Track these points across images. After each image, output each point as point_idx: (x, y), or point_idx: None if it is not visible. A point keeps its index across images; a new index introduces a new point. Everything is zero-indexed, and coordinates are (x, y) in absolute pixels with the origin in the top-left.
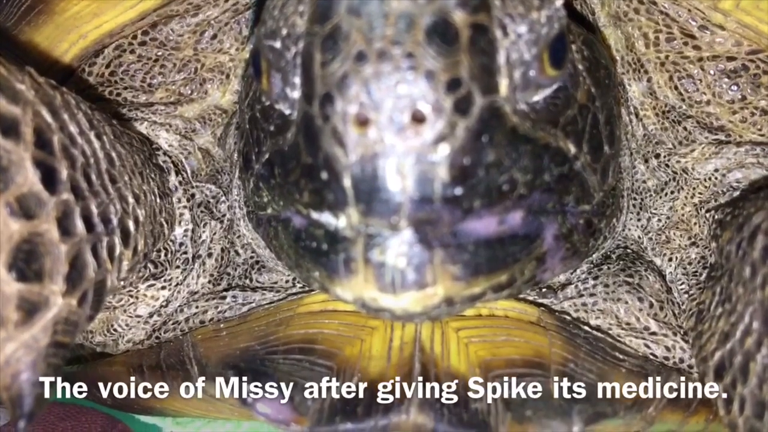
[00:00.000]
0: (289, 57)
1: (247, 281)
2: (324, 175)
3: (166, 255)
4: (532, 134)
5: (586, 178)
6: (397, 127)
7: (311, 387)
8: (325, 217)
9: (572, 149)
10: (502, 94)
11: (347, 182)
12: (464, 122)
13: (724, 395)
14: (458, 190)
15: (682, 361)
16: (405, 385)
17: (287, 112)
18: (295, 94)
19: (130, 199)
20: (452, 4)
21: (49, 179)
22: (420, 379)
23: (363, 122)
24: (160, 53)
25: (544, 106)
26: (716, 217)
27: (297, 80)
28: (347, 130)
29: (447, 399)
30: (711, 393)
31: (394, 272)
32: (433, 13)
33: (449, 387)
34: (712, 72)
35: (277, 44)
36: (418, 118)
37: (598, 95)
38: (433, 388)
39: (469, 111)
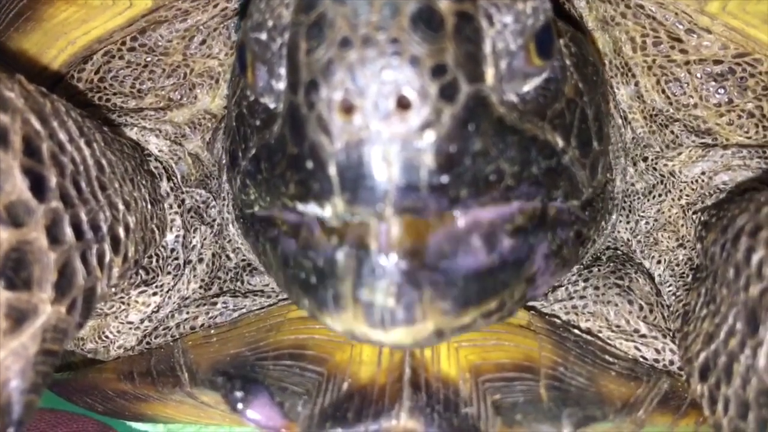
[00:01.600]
0: (275, 48)
1: (239, 284)
2: (309, 164)
3: (157, 261)
4: (519, 125)
5: (575, 173)
6: (383, 114)
7: (301, 392)
8: (311, 208)
9: (560, 143)
10: (489, 83)
11: (332, 170)
12: (450, 109)
13: (709, 396)
14: (444, 178)
15: (672, 363)
16: (395, 389)
17: (272, 105)
18: (281, 85)
19: (121, 206)
20: None
21: (38, 187)
22: (410, 383)
23: (348, 109)
24: (149, 59)
25: (531, 98)
26: (702, 219)
27: (282, 71)
28: (332, 117)
29: (437, 403)
30: (696, 394)
31: (383, 311)
32: (418, 0)
33: (439, 391)
34: (698, 75)
35: (263, 36)
36: (403, 104)
37: (586, 91)
38: (423, 393)
39: (455, 98)
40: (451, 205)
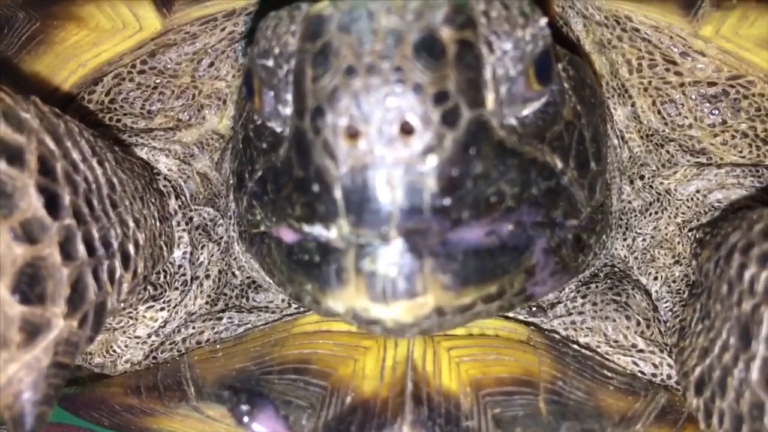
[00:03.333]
0: (281, 75)
1: (244, 300)
2: (315, 188)
3: (165, 277)
4: (519, 148)
5: (574, 193)
6: (387, 139)
7: (306, 406)
8: (317, 230)
9: (559, 164)
10: (489, 108)
11: (338, 193)
12: (452, 134)
13: (705, 409)
14: (447, 201)
15: (669, 377)
16: (398, 403)
17: (279, 129)
18: (287, 110)
19: (131, 223)
20: (439, 21)
21: (52, 205)
22: (412, 397)
23: (353, 134)
24: (158, 81)
25: (531, 122)
26: (697, 236)
27: (289, 97)
28: (338, 143)
29: (439, 417)
30: (693, 407)
31: (385, 281)
32: (420, 30)
33: (441, 405)
34: (693, 97)
35: (270, 63)
36: (406, 130)
37: (584, 113)
38: (425, 407)
39: (456, 123)
40: (453, 226)
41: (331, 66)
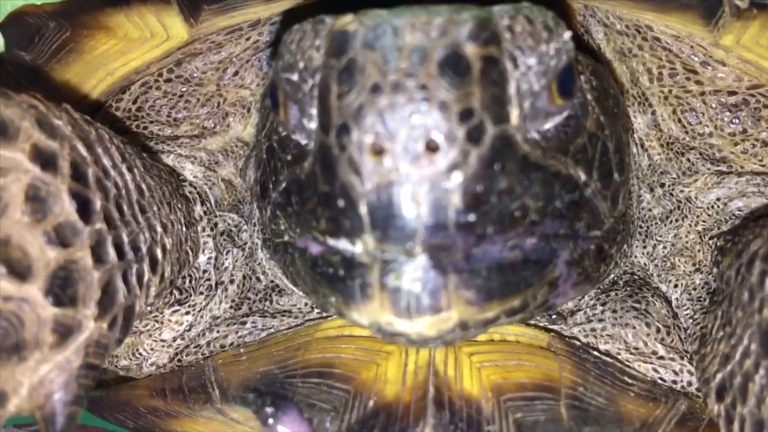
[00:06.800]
0: (306, 89)
1: (267, 304)
2: (341, 203)
3: (190, 281)
4: (543, 162)
5: (597, 205)
6: (412, 156)
7: (329, 409)
8: (342, 244)
9: (582, 176)
10: (513, 124)
11: (363, 209)
12: (477, 151)
13: (726, 415)
14: (471, 217)
15: (690, 384)
16: (420, 407)
17: (304, 142)
18: (312, 124)
19: (159, 228)
20: (464, 37)
21: (84, 209)
22: (434, 402)
23: (378, 151)
24: (184, 89)
25: (554, 135)
26: (718, 244)
27: (314, 111)
28: (363, 159)
29: (460, 421)
30: (713, 413)
31: (409, 297)
32: (445, 47)
33: (462, 410)
34: (713, 106)
35: (295, 77)
36: (431, 147)
37: (607, 124)
38: (446, 411)
39: (481, 140)
40: (478, 242)
41: (356, 83)
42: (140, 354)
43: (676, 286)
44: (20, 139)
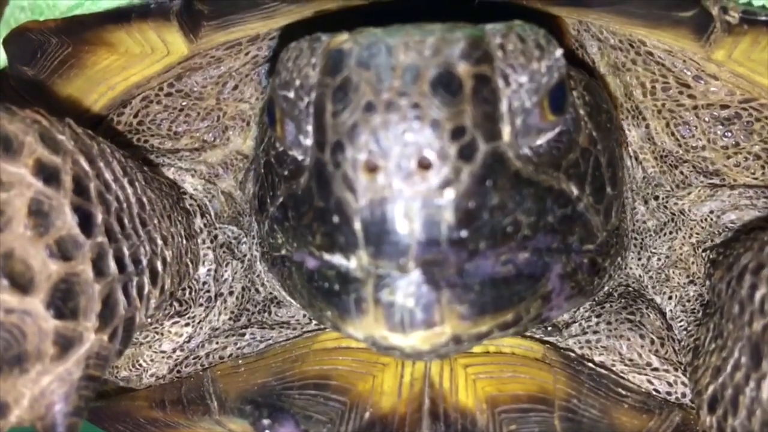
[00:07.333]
0: (302, 106)
1: (266, 315)
2: (335, 219)
3: (190, 293)
4: (535, 177)
5: (590, 219)
6: (405, 173)
7: (325, 421)
8: (337, 259)
9: (575, 191)
10: (505, 140)
11: (357, 225)
12: (469, 168)
13: (718, 427)
14: (464, 233)
15: (684, 396)
16: (415, 419)
17: (300, 157)
18: (308, 141)
19: (159, 241)
20: (456, 56)
21: (86, 223)
22: (429, 413)
23: (372, 169)
24: (185, 103)
25: (546, 150)
26: (710, 256)
27: (309, 128)
28: (357, 176)
29: None
30: (706, 425)
31: (403, 312)
32: (438, 65)
33: (457, 421)
34: (706, 119)
35: (291, 94)
36: (424, 165)
37: (600, 138)
38: (441, 423)
39: (473, 157)
40: (470, 257)
41: (350, 101)
42: (140, 365)
43: (670, 297)
44: (24, 153)
